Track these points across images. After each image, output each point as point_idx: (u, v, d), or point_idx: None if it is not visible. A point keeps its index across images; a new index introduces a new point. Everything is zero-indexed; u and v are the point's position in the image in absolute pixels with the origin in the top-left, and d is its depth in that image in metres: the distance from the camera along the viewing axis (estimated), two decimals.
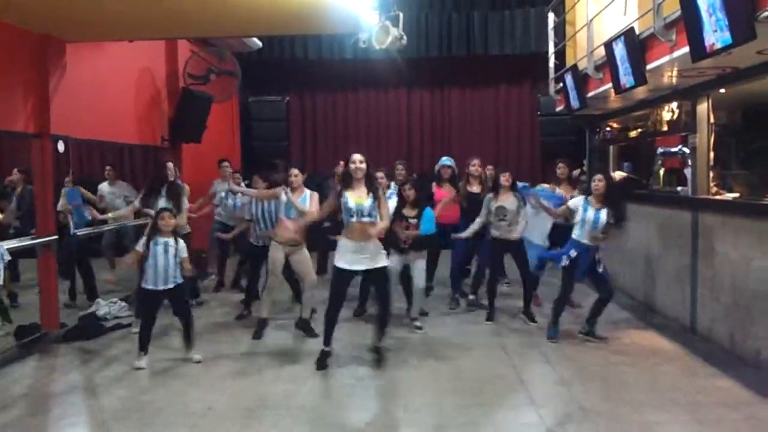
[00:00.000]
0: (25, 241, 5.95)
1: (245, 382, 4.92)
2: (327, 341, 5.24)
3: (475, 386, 4.74)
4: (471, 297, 7.14)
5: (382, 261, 5.14)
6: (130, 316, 6.74)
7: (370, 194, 5.05)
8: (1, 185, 7.53)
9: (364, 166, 5.08)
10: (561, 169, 7.08)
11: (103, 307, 6.81)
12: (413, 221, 5.99)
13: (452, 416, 4.19)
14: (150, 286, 5.21)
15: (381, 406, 4.45)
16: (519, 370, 5.07)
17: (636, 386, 4.69)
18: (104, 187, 8.01)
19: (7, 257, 5.28)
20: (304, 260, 6.04)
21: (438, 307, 7.07)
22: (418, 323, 6.20)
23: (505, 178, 6.39)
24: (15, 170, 7.28)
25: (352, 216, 5.03)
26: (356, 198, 5.04)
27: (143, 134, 7.99)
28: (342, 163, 8.44)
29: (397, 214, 5.95)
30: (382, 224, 5.08)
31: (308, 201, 5.91)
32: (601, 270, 5.77)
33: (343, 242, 5.11)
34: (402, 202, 6.11)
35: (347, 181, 5.12)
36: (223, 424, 4.12)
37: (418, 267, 6.13)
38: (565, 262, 5.77)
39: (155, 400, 4.53)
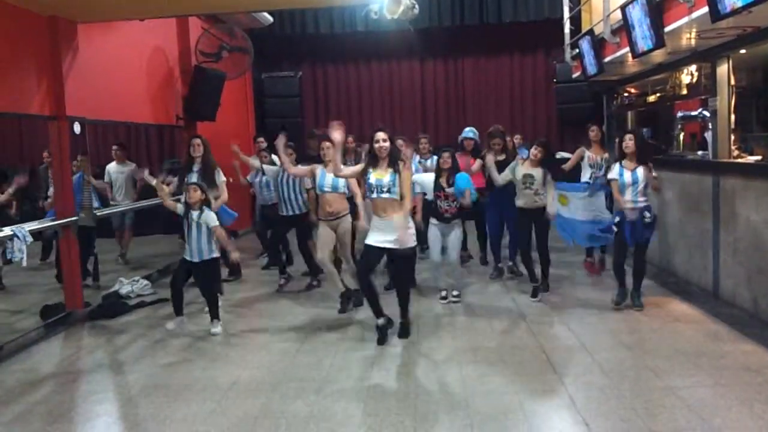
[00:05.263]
0: (46, 223, 6.02)
1: (269, 356, 4.97)
2: (377, 314, 5.22)
3: (496, 356, 4.75)
4: (510, 263, 7.18)
5: (410, 242, 5.09)
6: (153, 293, 6.85)
7: (390, 170, 5.03)
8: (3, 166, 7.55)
9: (387, 144, 5.05)
10: (594, 132, 7.09)
11: (125, 285, 6.91)
12: (450, 190, 5.89)
13: (474, 386, 4.20)
14: (185, 257, 5.48)
15: (403, 376, 4.47)
16: (540, 339, 5.07)
17: (659, 352, 4.67)
18: (112, 167, 7.91)
19: (29, 239, 5.33)
20: (347, 233, 6.04)
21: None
22: (455, 292, 6.18)
23: (534, 153, 6.18)
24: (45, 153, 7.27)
25: (372, 192, 5.07)
26: (377, 174, 5.05)
27: (157, 113, 8.01)
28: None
29: (437, 185, 5.89)
30: (405, 208, 5.02)
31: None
32: (648, 236, 5.69)
33: (373, 218, 5.18)
34: (439, 170, 5.99)
35: (373, 160, 5.12)
36: (248, 398, 4.16)
37: (453, 239, 6.04)
38: (615, 229, 5.80)
39: (181, 376, 4.60)
